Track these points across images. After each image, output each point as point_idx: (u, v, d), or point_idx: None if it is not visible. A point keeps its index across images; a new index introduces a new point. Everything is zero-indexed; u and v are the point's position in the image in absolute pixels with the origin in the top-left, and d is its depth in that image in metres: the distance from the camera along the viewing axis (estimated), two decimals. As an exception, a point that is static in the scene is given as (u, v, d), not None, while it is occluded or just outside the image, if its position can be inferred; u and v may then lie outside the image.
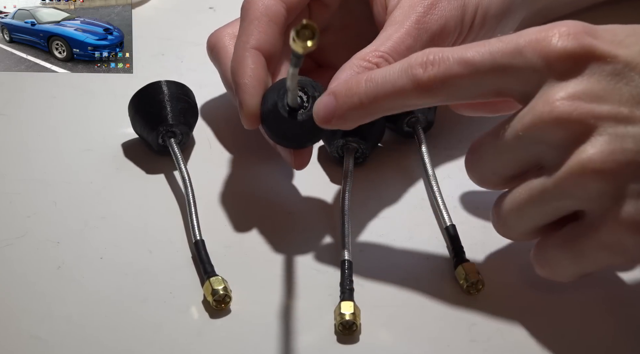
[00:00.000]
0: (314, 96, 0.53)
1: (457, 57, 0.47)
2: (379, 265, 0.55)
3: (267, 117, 0.54)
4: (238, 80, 0.54)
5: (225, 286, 0.52)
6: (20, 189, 0.60)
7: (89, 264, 0.55)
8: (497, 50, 0.47)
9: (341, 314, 0.51)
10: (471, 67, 0.47)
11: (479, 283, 0.53)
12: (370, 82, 0.49)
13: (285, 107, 0.53)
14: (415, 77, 0.48)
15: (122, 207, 0.58)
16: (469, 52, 0.47)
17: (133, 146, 0.62)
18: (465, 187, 0.58)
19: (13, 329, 0.52)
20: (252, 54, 0.55)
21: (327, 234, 0.57)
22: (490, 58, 0.47)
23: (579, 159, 0.45)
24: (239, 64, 0.55)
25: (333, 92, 0.50)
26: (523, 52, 0.47)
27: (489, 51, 0.47)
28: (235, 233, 0.57)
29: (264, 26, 0.55)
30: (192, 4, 0.75)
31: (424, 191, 0.59)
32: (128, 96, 0.61)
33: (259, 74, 0.54)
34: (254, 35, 0.55)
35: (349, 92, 0.50)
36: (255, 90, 0.54)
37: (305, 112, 0.53)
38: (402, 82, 0.48)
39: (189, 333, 0.51)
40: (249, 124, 0.54)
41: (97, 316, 0.52)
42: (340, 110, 0.50)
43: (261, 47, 0.55)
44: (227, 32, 0.60)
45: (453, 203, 0.57)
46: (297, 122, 0.53)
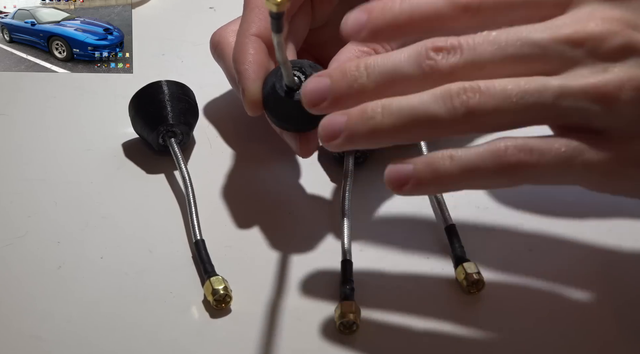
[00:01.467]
0: (311, 74, 0.52)
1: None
2: (379, 265, 0.55)
3: (268, 100, 0.53)
4: (239, 67, 0.54)
5: (225, 286, 0.52)
6: (20, 189, 0.60)
7: (89, 264, 0.55)
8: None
9: (342, 314, 0.51)
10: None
11: (479, 283, 0.53)
12: (406, 2, 0.47)
13: (282, 88, 0.52)
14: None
15: (122, 207, 0.59)
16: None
17: (133, 145, 0.62)
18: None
19: (13, 329, 0.52)
20: (252, 41, 0.54)
21: (327, 234, 0.57)
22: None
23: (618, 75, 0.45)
24: (240, 51, 0.54)
25: (365, 8, 0.48)
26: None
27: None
28: (235, 233, 0.57)
29: (265, 14, 0.55)
30: (192, 4, 0.75)
31: (424, 191, 0.59)
32: (128, 96, 0.61)
33: (260, 60, 0.54)
34: (255, 22, 0.55)
35: (384, 9, 0.47)
36: (256, 75, 0.53)
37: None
38: (439, 3, 0.47)
39: (189, 333, 0.51)
40: (252, 109, 0.53)
41: (97, 316, 0.52)
42: (372, 24, 0.47)
43: (262, 34, 0.54)
44: (230, 30, 0.59)
45: (453, 203, 0.57)
46: (295, 102, 0.52)
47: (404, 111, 0.46)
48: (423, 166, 0.46)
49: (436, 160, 0.46)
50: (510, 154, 0.45)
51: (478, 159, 0.45)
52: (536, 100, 0.45)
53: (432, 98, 0.46)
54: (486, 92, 0.45)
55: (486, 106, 0.45)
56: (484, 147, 0.45)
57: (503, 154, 0.45)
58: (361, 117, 0.46)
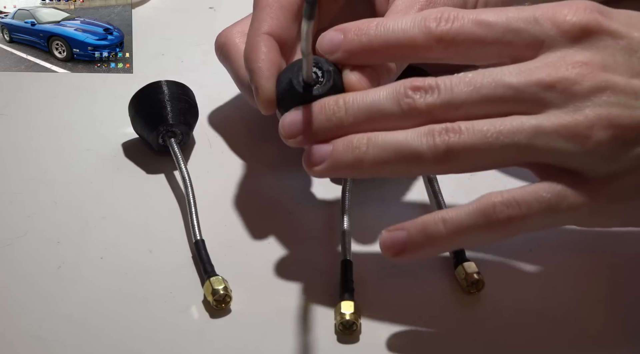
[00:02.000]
0: (328, 70, 0.51)
1: (473, 17, 0.48)
2: (379, 265, 0.55)
3: (283, 97, 0.52)
4: (251, 65, 0.53)
5: (225, 286, 0.52)
6: (20, 189, 0.60)
7: (89, 264, 0.55)
8: (513, 16, 0.48)
9: (341, 314, 0.51)
10: (485, 27, 0.48)
11: (479, 283, 0.53)
12: (381, 26, 0.49)
13: (300, 83, 0.50)
14: (427, 29, 0.48)
15: (122, 207, 0.58)
16: (485, 13, 0.48)
17: (133, 145, 0.62)
18: (465, 187, 0.58)
19: (13, 329, 0.52)
20: (264, 39, 0.54)
21: (327, 234, 0.57)
22: (506, 21, 0.48)
23: (587, 115, 0.46)
24: (252, 49, 0.54)
25: (341, 29, 0.50)
26: (539, 21, 0.48)
27: (505, 15, 0.48)
28: (236, 233, 0.57)
29: (276, 12, 0.54)
30: (192, 4, 0.75)
31: (424, 191, 0.59)
32: (128, 96, 0.61)
33: (273, 58, 0.53)
34: (267, 21, 0.54)
35: (359, 32, 0.49)
36: (270, 72, 0.52)
37: (321, 87, 0.50)
38: (413, 32, 0.49)
39: (189, 333, 0.51)
40: (266, 108, 0.53)
41: (97, 316, 0.52)
42: (347, 46, 0.50)
43: (274, 33, 0.54)
44: (236, 30, 0.59)
45: (453, 203, 0.57)
46: (314, 97, 0.50)
47: (389, 144, 0.48)
48: (417, 233, 0.48)
49: (429, 225, 0.48)
50: (499, 211, 0.47)
51: (469, 220, 0.47)
52: (511, 140, 0.47)
53: (416, 135, 0.48)
54: (465, 132, 0.47)
55: (465, 145, 0.47)
56: (474, 206, 0.47)
57: (492, 212, 0.47)
58: (347, 147, 0.48)
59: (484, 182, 0.56)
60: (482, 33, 0.48)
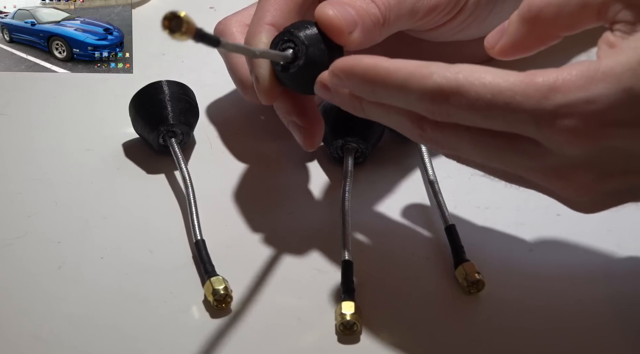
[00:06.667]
0: (303, 43, 0.51)
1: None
2: (379, 265, 0.55)
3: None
4: None
5: (226, 286, 0.52)
6: (20, 189, 0.60)
7: (89, 264, 0.55)
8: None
9: (342, 314, 0.51)
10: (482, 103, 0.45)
11: (479, 283, 0.53)
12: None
13: (278, 66, 0.52)
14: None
15: (122, 207, 0.59)
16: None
17: (134, 145, 0.62)
18: (465, 187, 0.58)
19: (13, 329, 0.52)
20: (266, 30, 0.53)
21: (327, 234, 0.57)
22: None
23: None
24: (252, 39, 0.54)
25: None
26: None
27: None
28: (236, 233, 0.57)
29: (281, 3, 0.54)
30: (192, 4, 0.75)
31: (424, 191, 0.59)
32: (128, 96, 0.61)
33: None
34: (270, 12, 0.54)
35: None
36: (269, 63, 0.52)
37: (295, 66, 0.51)
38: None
39: (189, 333, 0.51)
40: (266, 98, 0.53)
41: (98, 316, 0.52)
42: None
43: (276, 24, 0.54)
44: (235, 20, 0.59)
45: (453, 203, 0.57)
46: (289, 74, 0.51)
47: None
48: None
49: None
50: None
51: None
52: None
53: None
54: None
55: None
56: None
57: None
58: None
59: (484, 183, 0.56)
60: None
